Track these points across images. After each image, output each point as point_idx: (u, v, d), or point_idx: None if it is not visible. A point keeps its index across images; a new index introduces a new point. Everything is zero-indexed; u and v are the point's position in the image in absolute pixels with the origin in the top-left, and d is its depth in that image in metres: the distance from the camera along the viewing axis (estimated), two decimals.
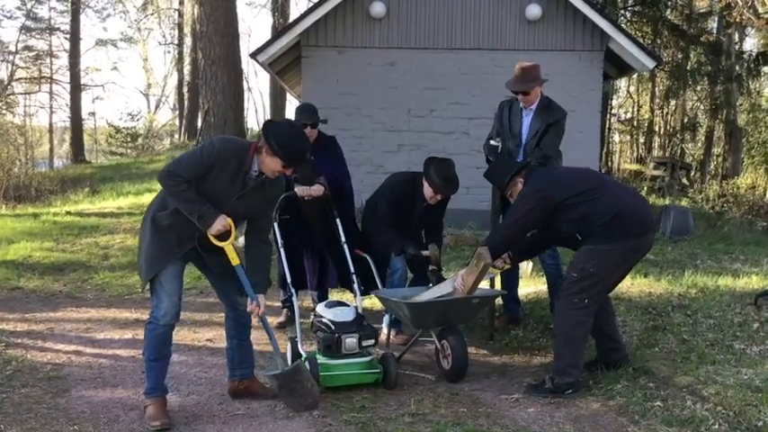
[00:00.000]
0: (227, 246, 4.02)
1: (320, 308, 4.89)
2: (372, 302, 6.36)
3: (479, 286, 4.83)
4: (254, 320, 4.32)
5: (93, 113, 39.73)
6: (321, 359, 4.58)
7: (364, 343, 4.63)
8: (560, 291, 4.66)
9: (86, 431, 3.97)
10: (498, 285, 5.81)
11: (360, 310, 4.90)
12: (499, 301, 5.94)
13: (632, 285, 6.52)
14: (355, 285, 5.21)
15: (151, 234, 4.06)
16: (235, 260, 4.06)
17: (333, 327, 4.62)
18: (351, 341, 4.58)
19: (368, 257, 5.53)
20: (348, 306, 4.86)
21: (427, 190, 5.34)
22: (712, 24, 22.22)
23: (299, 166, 4.19)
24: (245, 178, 4.00)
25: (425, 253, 5.33)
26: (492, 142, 5.72)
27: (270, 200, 4.25)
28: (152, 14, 35.63)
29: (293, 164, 3.99)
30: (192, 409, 4.31)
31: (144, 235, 4.14)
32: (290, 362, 4.67)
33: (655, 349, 5.13)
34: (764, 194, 19.19)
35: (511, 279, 5.91)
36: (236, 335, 4.40)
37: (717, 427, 3.85)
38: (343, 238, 5.38)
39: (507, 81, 5.56)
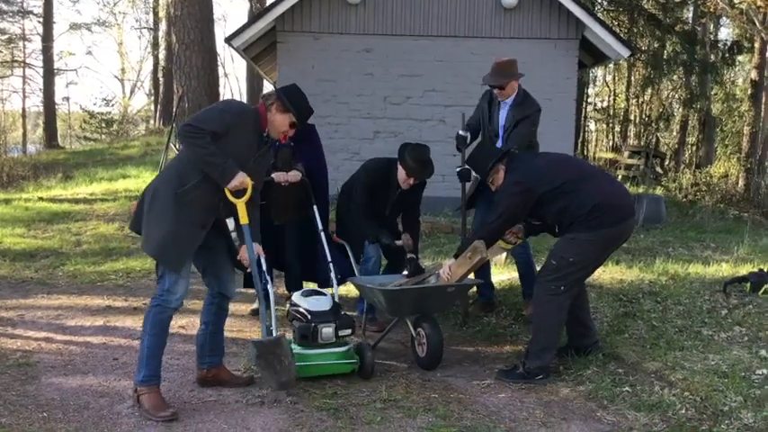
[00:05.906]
0: (241, 203, 4.02)
1: (296, 296, 4.83)
2: (348, 289, 6.36)
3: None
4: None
5: (67, 98, 38.82)
6: (296, 349, 4.52)
7: (341, 332, 4.57)
8: (538, 277, 4.70)
9: (55, 418, 3.93)
10: (472, 275, 5.83)
11: (336, 299, 4.85)
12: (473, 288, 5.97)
13: (604, 272, 6.58)
14: (332, 274, 5.16)
15: (176, 213, 3.89)
16: (244, 219, 4.06)
17: (309, 316, 4.57)
18: (327, 331, 4.51)
19: (345, 244, 5.52)
20: (325, 295, 4.80)
21: (401, 173, 5.33)
22: (688, 14, 22.40)
23: (303, 123, 4.32)
24: (260, 139, 4.08)
25: (399, 243, 5.32)
26: (460, 132, 5.78)
27: (267, 166, 4.30)
28: None
29: (302, 119, 4.18)
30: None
31: (163, 216, 3.92)
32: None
33: (624, 335, 5.19)
34: (737, 183, 19.42)
35: (483, 266, 5.94)
36: (214, 321, 4.36)
37: (684, 411, 3.92)
38: (320, 225, 5.36)
39: (484, 76, 5.62)
